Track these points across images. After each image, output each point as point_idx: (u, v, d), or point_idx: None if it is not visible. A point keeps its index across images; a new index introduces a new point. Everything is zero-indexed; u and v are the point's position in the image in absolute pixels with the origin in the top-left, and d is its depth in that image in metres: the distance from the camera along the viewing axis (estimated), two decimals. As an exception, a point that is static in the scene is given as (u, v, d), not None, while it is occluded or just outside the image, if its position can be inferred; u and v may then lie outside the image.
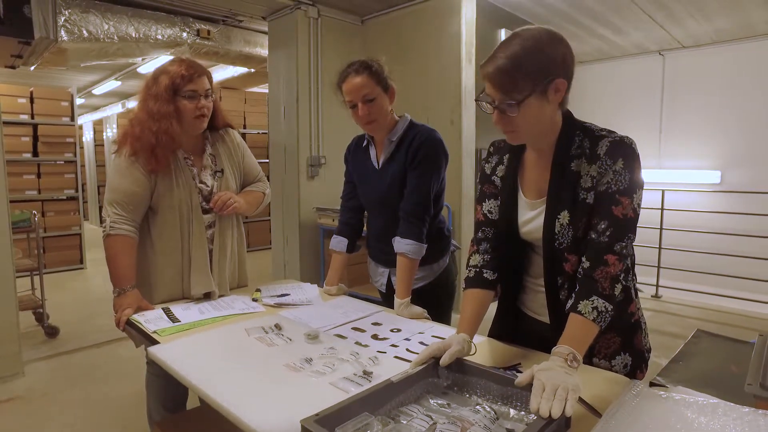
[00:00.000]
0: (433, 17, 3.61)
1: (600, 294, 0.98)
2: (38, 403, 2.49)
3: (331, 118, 3.92)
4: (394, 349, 1.24)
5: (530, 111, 0.99)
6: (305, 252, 3.91)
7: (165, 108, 1.50)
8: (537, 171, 1.12)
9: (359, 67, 1.53)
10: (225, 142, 1.72)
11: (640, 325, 1.17)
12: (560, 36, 1.00)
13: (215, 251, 1.66)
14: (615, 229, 1.00)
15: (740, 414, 0.79)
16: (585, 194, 1.03)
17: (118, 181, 1.53)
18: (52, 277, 5.06)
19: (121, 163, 1.54)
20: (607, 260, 0.99)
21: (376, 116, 1.55)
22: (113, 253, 1.52)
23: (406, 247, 1.54)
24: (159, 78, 1.53)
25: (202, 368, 1.10)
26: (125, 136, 1.56)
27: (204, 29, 4.16)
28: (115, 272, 1.52)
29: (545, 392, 0.81)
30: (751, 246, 4.23)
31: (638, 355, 1.16)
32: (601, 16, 4.09)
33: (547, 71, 0.97)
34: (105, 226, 1.53)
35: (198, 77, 1.53)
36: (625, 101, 5.38)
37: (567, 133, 1.06)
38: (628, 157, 1.01)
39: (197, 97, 1.53)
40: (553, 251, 1.08)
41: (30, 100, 5.29)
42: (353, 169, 1.77)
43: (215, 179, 1.66)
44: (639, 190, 1.02)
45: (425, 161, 1.56)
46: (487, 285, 1.18)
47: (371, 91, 1.52)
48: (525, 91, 0.97)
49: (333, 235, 1.80)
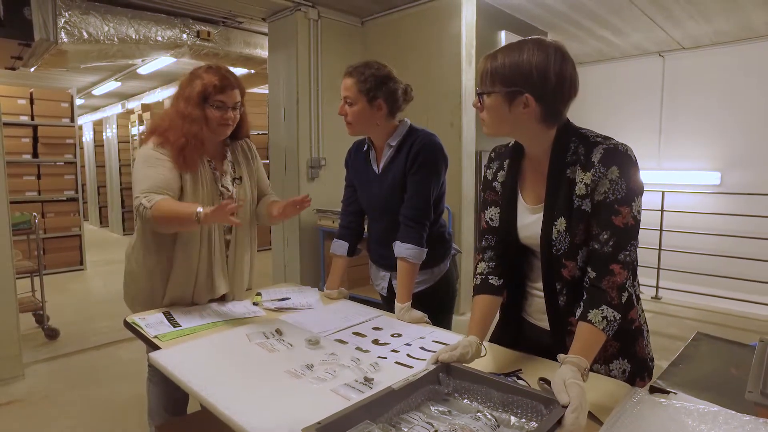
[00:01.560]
0: (434, 19, 3.61)
1: (609, 303, 0.99)
2: (39, 406, 2.49)
3: (331, 120, 3.92)
4: (394, 354, 1.24)
5: (492, 107, 1.05)
6: (305, 253, 3.91)
7: (195, 112, 1.51)
8: (536, 177, 1.13)
9: (354, 69, 1.56)
10: (244, 151, 1.74)
11: (641, 332, 1.17)
12: (564, 56, 1.01)
13: (231, 255, 1.66)
14: (617, 239, 1.01)
15: (741, 422, 0.79)
16: (580, 201, 1.04)
17: (152, 170, 1.49)
18: (52, 278, 5.06)
19: (152, 155, 1.51)
20: (612, 270, 1.00)
21: (352, 119, 1.58)
22: (165, 210, 1.40)
23: (407, 252, 1.54)
24: (194, 82, 1.54)
25: (204, 375, 1.10)
26: (154, 128, 1.57)
27: (204, 31, 4.16)
28: (180, 214, 1.39)
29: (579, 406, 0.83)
30: (751, 247, 4.23)
31: (640, 363, 1.15)
32: (601, 18, 4.09)
33: (516, 82, 1.00)
34: (141, 206, 1.43)
35: (230, 90, 1.54)
36: (625, 102, 5.38)
37: (562, 140, 1.07)
38: (623, 165, 1.01)
39: (225, 108, 1.54)
40: (551, 257, 1.09)
41: (30, 101, 5.29)
42: (353, 173, 1.77)
43: (234, 186, 1.66)
44: (638, 198, 1.02)
45: (425, 166, 1.56)
46: (494, 291, 1.20)
47: (351, 95, 1.55)
48: (490, 87, 1.04)
49: (334, 239, 1.81)
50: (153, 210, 1.40)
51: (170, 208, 1.42)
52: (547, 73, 0.99)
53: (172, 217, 1.41)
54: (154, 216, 1.40)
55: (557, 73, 0.99)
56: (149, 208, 1.41)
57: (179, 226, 1.47)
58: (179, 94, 1.56)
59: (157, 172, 1.49)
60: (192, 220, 1.35)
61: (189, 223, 1.38)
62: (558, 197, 1.06)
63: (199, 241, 1.57)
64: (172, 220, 1.43)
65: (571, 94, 1.03)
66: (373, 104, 1.55)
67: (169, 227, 1.49)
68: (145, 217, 1.43)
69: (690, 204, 4.82)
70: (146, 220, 1.43)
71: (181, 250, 1.56)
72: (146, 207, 1.41)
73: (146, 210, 1.41)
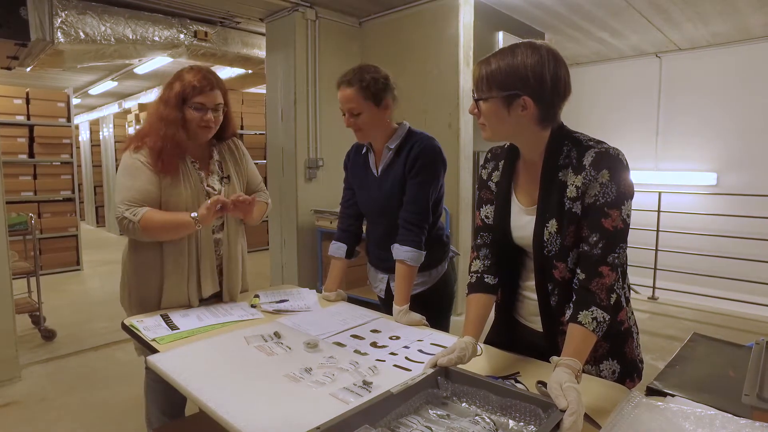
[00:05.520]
0: (431, 20, 3.61)
1: (598, 305, 1.00)
2: (36, 409, 2.48)
3: (328, 121, 3.92)
4: (393, 357, 1.24)
5: (491, 112, 1.05)
6: (303, 254, 3.91)
7: (173, 114, 1.51)
8: (530, 178, 1.15)
9: (352, 78, 1.54)
10: (231, 150, 1.74)
11: (631, 334, 1.18)
12: (557, 59, 1.03)
13: (224, 257, 1.66)
14: (607, 241, 1.02)
15: (738, 426, 0.80)
16: (571, 204, 1.06)
17: (131, 181, 1.50)
18: (48, 279, 5.03)
19: (132, 164, 1.52)
20: (601, 272, 1.02)
21: (362, 127, 1.57)
22: (158, 222, 1.46)
23: (405, 254, 1.54)
24: (174, 84, 1.53)
25: (202, 379, 1.10)
26: (136, 132, 1.59)
27: (201, 31, 4.15)
28: (177, 222, 1.46)
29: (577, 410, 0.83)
30: (747, 248, 4.25)
31: (629, 364, 1.17)
32: (599, 19, 4.10)
33: (513, 85, 1.01)
34: (126, 220, 1.46)
35: (210, 90, 1.52)
36: (622, 103, 5.39)
37: (555, 143, 1.08)
38: (613, 169, 1.02)
39: (205, 110, 1.53)
40: (543, 258, 1.11)
41: (26, 101, 5.26)
42: (352, 175, 1.77)
43: (222, 185, 1.67)
44: (628, 201, 1.04)
45: (424, 170, 1.56)
46: (489, 289, 1.21)
47: (357, 106, 1.54)
48: (487, 93, 1.04)
49: (332, 241, 1.81)
50: (142, 223, 1.46)
51: (163, 218, 1.48)
52: (543, 75, 1.01)
53: (168, 228, 1.48)
54: (143, 228, 1.46)
55: (552, 74, 1.01)
56: (137, 222, 1.46)
57: (174, 233, 1.51)
58: (160, 98, 1.56)
59: (138, 183, 1.50)
60: (191, 226, 1.45)
61: (188, 229, 1.47)
62: (550, 199, 1.08)
63: (187, 242, 1.57)
64: (168, 232, 1.49)
65: (566, 95, 1.05)
66: (381, 106, 1.56)
67: (160, 237, 1.52)
68: (127, 229, 1.48)
69: (687, 204, 4.84)
70: (130, 231, 1.48)
71: (171, 251, 1.56)
72: (132, 221, 1.46)
73: (131, 223, 1.46)
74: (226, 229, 1.66)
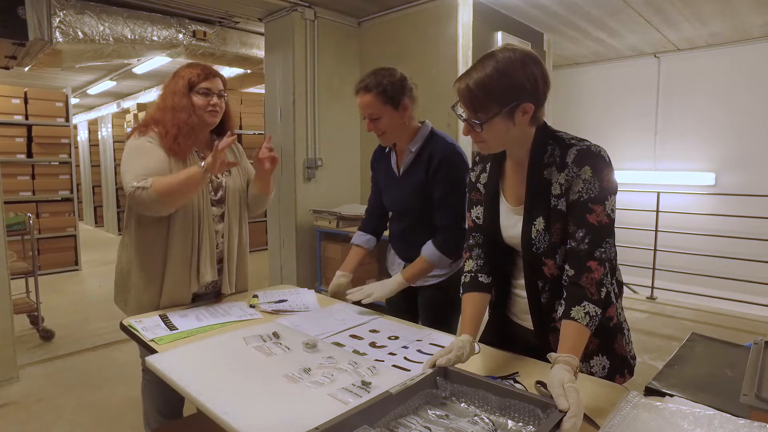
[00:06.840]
0: (430, 20, 3.61)
1: (590, 299, 1.02)
2: (34, 409, 2.48)
3: (327, 121, 3.91)
4: (392, 357, 1.24)
5: (495, 129, 1.05)
6: (302, 254, 3.90)
7: (183, 101, 1.58)
8: (516, 178, 1.16)
9: (369, 83, 1.54)
10: (231, 147, 1.76)
11: (621, 330, 1.19)
12: (536, 58, 1.04)
13: (224, 248, 1.68)
14: (592, 236, 1.03)
15: (736, 426, 0.80)
16: (556, 201, 1.07)
17: (144, 160, 1.53)
18: (46, 279, 5.03)
19: (141, 144, 1.56)
20: (590, 267, 1.03)
21: (384, 130, 1.59)
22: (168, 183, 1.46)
23: (432, 257, 1.58)
24: (177, 77, 1.63)
25: (201, 379, 1.09)
26: (146, 122, 1.62)
27: (200, 31, 4.14)
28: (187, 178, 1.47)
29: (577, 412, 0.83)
30: (745, 248, 4.26)
31: (619, 359, 1.18)
32: (597, 19, 4.11)
33: (514, 96, 1.02)
34: (139, 189, 1.45)
35: (213, 77, 1.63)
36: (621, 103, 5.39)
37: (539, 143, 1.10)
38: (595, 166, 1.04)
39: (210, 95, 1.61)
40: (532, 255, 1.12)
41: (24, 100, 5.25)
42: (377, 174, 1.82)
43: (223, 175, 1.70)
44: (611, 196, 1.05)
45: (452, 181, 1.58)
46: (483, 288, 1.22)
47: (376, 111, 1.55)
48: (490, 112, 1.03)
49: (357, 231, 1.86)
50: (154, 188, 1.45)
51: (172, 178, 1.48)
52: (534, 76, 1.03)
53: (180, 185, 1.46)
54: (157, 191, 1.44)
55: (539, 72, 1.04)
56: (149, 188, 1.45)
57: (188, 190, 1.50)
58: (166, 92, 1.63)
59: (149, 161, 1.53)
60: (200, 176, 1.46)
61: (198, 181, 1.47)
62: (537, 198, 1.10)
63: (191, 230, 1.59)
64: (181, 187, 1.47)
65: (548, 90, 1.07)
66: (399, 109, 1.57)
67: (176, 198, 1.49)
68: (142, 199, 1.46)
69: (685, 204, 4.84)
70: (145, 200, 1.46)
71: (176, 239, 1.57)
72: (145, 187, 1.45)
73: (146, 190, 1.45)
74: (227, 220, 1.68)
